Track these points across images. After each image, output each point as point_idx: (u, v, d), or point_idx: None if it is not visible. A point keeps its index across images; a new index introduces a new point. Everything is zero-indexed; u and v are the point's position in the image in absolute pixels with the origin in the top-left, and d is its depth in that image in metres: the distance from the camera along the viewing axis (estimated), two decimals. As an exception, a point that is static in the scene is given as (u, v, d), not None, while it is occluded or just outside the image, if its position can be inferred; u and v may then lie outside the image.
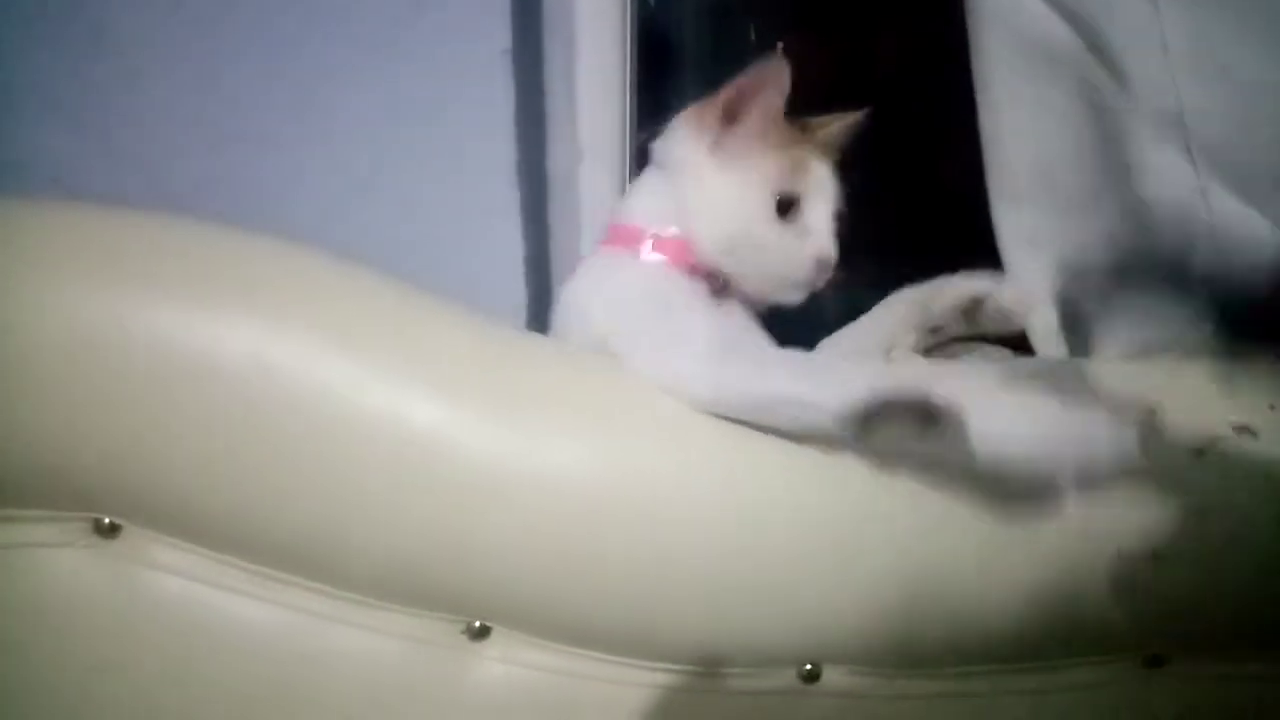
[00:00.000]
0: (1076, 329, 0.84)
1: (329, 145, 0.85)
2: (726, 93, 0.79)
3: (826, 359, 0.71)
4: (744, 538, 0.69)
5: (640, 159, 0.86)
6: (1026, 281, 0.84)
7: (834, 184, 0.82)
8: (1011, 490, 0.60)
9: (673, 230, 0.81)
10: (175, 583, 0.68)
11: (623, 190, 0.95)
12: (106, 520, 0.67)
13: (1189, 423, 0.71)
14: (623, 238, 0.83)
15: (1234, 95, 0.72)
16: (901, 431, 0.60)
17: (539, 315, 0.92)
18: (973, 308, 0.74)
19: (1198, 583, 0.70)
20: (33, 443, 0.65)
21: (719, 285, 0.82)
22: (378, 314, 0.71)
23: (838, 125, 0.87)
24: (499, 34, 0.84)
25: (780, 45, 1.67)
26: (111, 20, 0.80)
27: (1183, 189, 0.74)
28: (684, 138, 0.82)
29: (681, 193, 0.81)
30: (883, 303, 0.82)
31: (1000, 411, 0.59)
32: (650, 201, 0.84)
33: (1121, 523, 0.68)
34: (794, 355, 0.72)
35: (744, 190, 0.79)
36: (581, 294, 0.82)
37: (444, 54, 0.83)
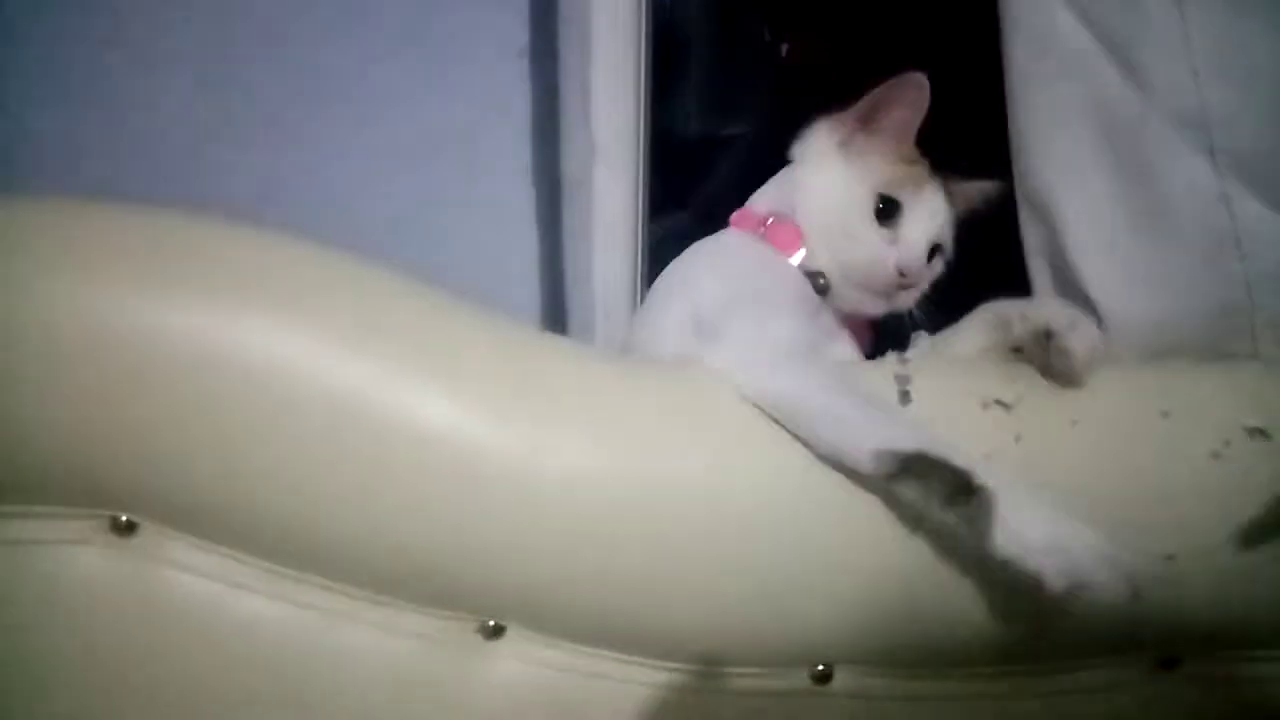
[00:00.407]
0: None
1: (344, 144, 0.86)
2: (866, 100, 0.83)
3: (892, 409, 0.70)
4: (756, 539, 0.69)
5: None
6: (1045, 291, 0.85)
7: (945, 211, 0.86)
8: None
9: (789, 216, 0.86)
10: (191, 580, 0.68)
11: (637, 192, 0.95)
12: (124, 518, 0.68)
13: (1202, 425, 0.71)
14: (742, 220, 0.88)
15: (1261, 97, 0.72)
16: (930, 491, 0.63)
17: (552, 316, 0.93)
18: (1046, 338, 0.73)
19: (1212, 584, 0.69)
20: (49, 440, 0.66)
21: (821, 287, 0.85)
22: (394, 312, 0.71)
23: (974, 186, 0.90)
24: (516, 36, 0.84)
25: (785, 46, 1.68)
26: (127, 11, 0.81)
27: (1205, 193, 0.74)
28: (819, 135, 0.87)
29: (802, 177, 0.87)
30: (974, 312, 0.81)
31: (1026, 512, 0.61)
32: (774, 190, 0.90)
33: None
34: (863, 390, 0.72)
35: (851, 182, 0.83)
36: (694, 261, 0.86)
37: (460, 55, 0.84)
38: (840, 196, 0.84)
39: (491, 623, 0.70)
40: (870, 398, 0.70)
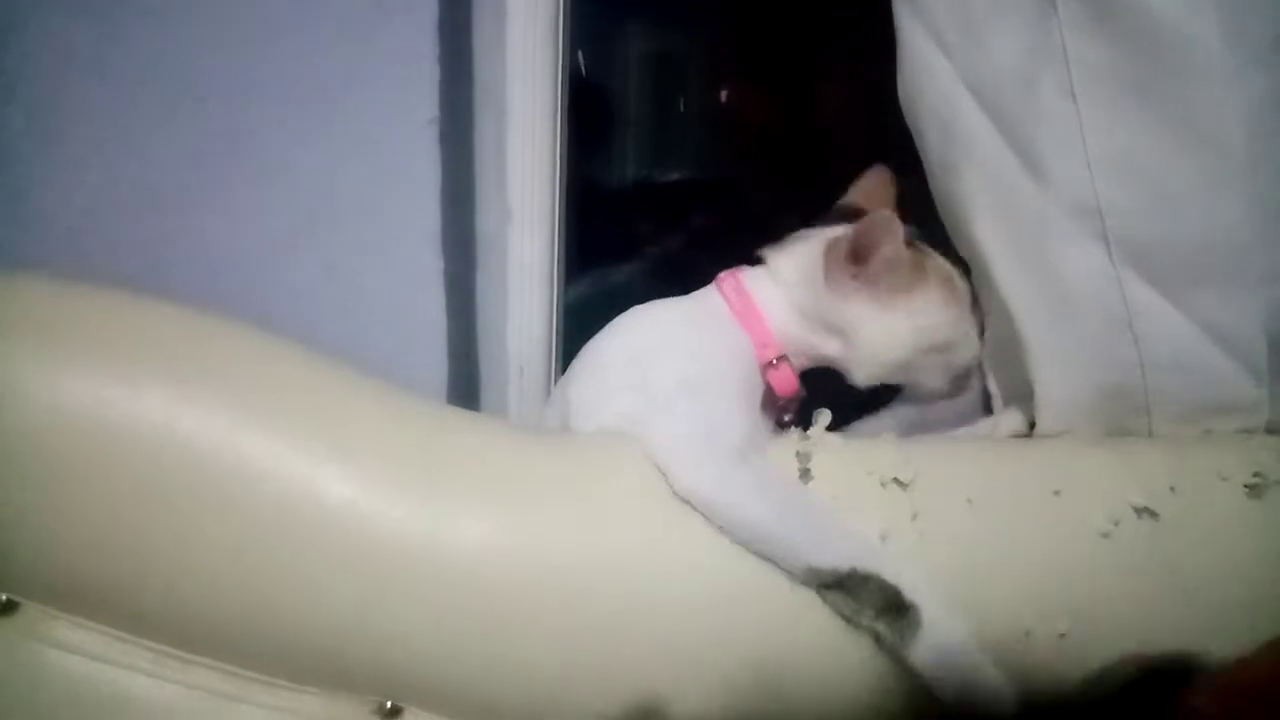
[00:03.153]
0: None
1: (250, 211, 0.85)
2: (850, 241, 0.80)
3: (826, 516, 0.71)
4: (650, 613, 0.69)
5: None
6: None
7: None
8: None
9: (801, 356, 0.85)
10: (75, 661, 0.67)
11: (553, 250, 0.96)
12: (4, 597, 0.66)
13: (1092, 504, 0.73)
14: (746, 315, 0.84)
15: (1153, 190, 0.74)
16: (860, 603, 0.66)
17: (464, 376, 0.93)
18: None
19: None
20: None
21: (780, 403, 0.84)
22: (295, 388, 0.71)
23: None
24: (425, 105, 0.84)
25: (724, 93, 1.71)
26: (25, 78, 0.79)
27: (1100, 280, 0.76)
28: (827, 270, 0.82)
29: (842, 327, 0.83)
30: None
31: (944, 634, 0.66)
32: (788, 314, 0.85)
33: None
34: (800, 494, 0.73)
35: (919, 323, 0.83)
36: (657, 328, 0.84)
37: (369, 124, 0.84)
38: (901, 350, 0.84)
39: (389, 704, 0.69)
40: (806, 502, 0.72)
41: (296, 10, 0.83)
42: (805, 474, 0.72)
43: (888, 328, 0.83)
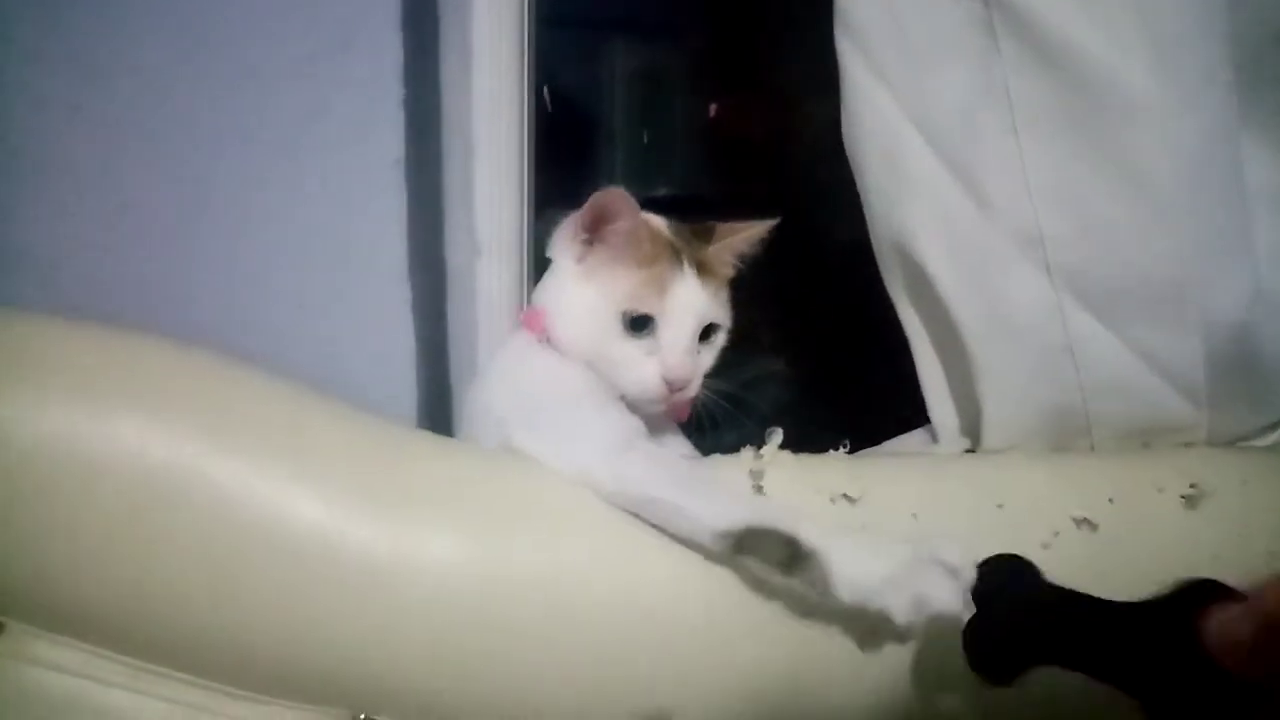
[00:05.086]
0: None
1: (225, 248, 0.88)
2: (582, 216, 0.80)
3: (712, 481, 0.74)
4: (617, 630, 0.71)
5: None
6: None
7: (701, 301, 0.81)
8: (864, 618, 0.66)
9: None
10: (57, 679, 0.70)
11: (522, 281, 0.99)
12: (-10, 617, 0.69)
13: (1034, 516, 0.75)
14: (530, 322, 0.85)
15: (1090, 228, 0.77)
16: (769, 562, 0.68)
17: (436, 408, 0.96)
18: None
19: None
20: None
21: None
22: (264, 413, 0.74)
23: (741, 236, 0.86)
24: (392, 145, 0.88)
25: (713, 108, 1.73)
26: (3, 122, 0.83)
27: (1042, 306, 0.79)
28: (559, 246, 0.84)
29: (554, 298, 0.84)
30: None
31: (854, 560, 0.65)
32: (548, 295, 0.86)
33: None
34: (686, 466, 0.76)
35: (595, 305, 0.80)
36: (491, 387, 0.85)
37: (337, 162, 0.87)
38: (587, 322, 0.81)
39: (362, 716, 0.71)
40: (698, 476, 0.75)
41: (265, 53, 0.86)
42: (758, 490, 0.75)
43: (576, 296, 0.82)
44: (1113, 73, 0.73)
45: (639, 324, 0.80)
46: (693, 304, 0.81)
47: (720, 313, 0.84)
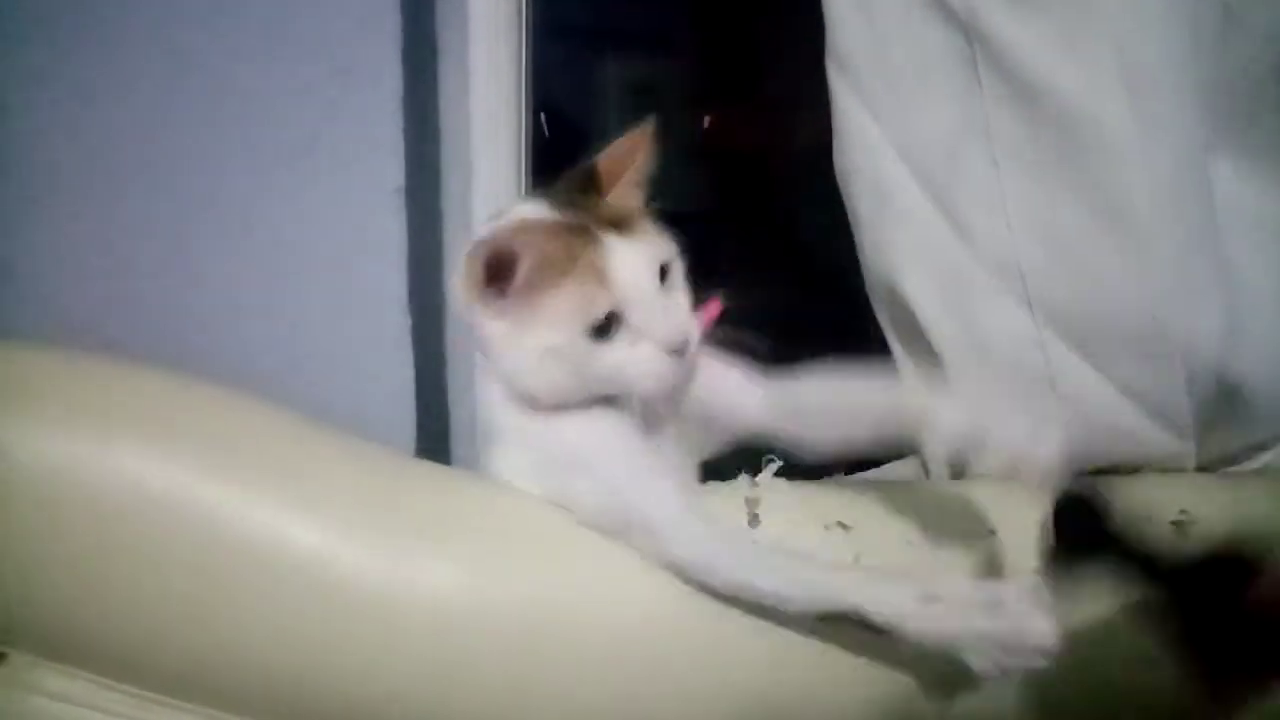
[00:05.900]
0: None
1: (224, 275, 0.89)
2: (474, 279, 0.70)
3: (786, 557, 0.69)
4: (613, 660, 0.72)
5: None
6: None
7: (638, 256, 0.71)
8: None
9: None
10: (60, 708, 0.70)
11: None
12: (-5, 647, 0.69)
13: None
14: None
15: (1069, 262, 0.78)
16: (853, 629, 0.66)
17: (433, 437, 0.97)
18: None
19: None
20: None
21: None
22: (262, 443, 0.75)
23: (631, 167, 0.75)
24: (391, 172, 0.89)
25: (707, 120, 1.74)
26: (3, 148, 0.84)
27: (1023, 338, 0.80)
28: (468, 318, 0.74)
29: (497, 366, 0.75)
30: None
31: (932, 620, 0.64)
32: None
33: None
34: (748, 541, 0.73)
35: (550, 344, 0.71)
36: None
37: (335, 191, 0.88)
38: (552, 365, 0.71)
39: (360, 744, 0.72)
40: (772, 548, 0.72)
41: (265, 80, 0.87)
42: (754, 519, 0.76)
43: (524, 350, 0.71)
44: (1087, 110, 0.74)
45: (605, 325, 0.70)
46: (635, 265, 0.71)
47: (662, 249, 0.74)
